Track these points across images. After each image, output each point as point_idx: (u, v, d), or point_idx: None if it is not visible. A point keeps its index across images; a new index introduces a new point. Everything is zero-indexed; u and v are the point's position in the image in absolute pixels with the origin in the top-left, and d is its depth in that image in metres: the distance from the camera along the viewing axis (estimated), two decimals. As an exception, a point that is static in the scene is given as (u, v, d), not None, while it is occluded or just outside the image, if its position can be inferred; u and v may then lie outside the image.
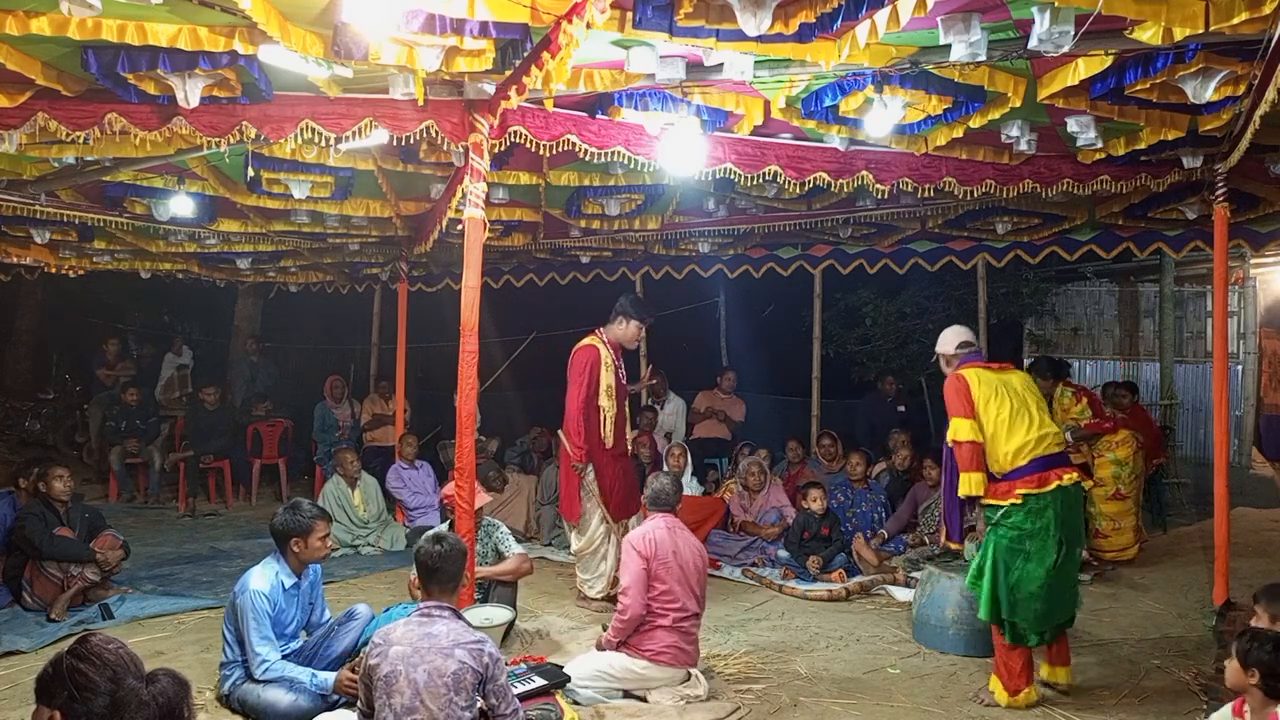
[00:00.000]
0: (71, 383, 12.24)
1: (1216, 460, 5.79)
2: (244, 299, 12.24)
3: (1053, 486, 4.26)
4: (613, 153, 5.03)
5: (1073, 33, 3.45)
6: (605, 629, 4.70)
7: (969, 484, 4.31)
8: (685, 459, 8.27)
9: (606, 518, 6.04)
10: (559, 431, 6.09)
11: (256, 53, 3.76)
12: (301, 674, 4.15)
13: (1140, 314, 11.89)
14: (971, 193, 5.77)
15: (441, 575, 3.41)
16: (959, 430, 4.34)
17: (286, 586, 4.34)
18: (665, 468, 7.98)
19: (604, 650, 4.55)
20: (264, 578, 4.27)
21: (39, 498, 5.91)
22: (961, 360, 4.55)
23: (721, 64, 4.11)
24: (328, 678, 4.15)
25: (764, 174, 5.39)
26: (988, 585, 4.32)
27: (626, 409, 6.28)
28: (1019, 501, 4.26)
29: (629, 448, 6.35)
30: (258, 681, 4.18)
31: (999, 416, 4.30)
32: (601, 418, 5.90)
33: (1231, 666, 3.13)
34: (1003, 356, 11.47)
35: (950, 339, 4.67)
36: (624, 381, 6.12)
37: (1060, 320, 11.97)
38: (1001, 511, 4.31)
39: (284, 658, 4.26)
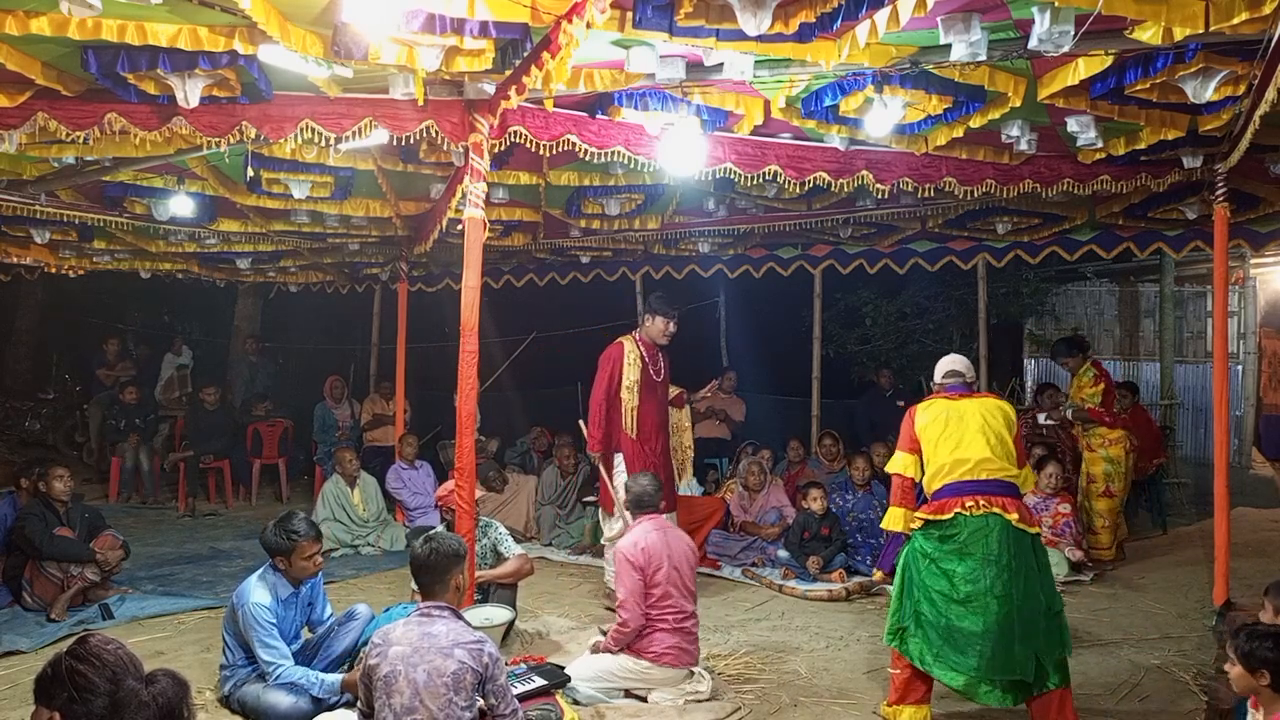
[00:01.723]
0: (71, 383, 12.24)
1: (1216, 460, 5.78)
2: (244, 299, 12.24)
3: (951, 514, 3.93)
4: (613, 153, 5.03)
5: (1073, 33, 3.45)
6: (603, 634, 4.69)
7: (890, 518, 4.24)
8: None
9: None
10: (579, 422, 6.28)
11: (256, 53, 3.76)
12: (312, 679, 4.14)
13: (1140, 314, 11.89)
14: (971, 193, 5.77)
15: (427, 576, 3.40)
16: (892, 463, 4.28)
17: (283, 597, 4.33)
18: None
19: (601, 654, 4.56)
20: (263, 589, 4.25)
21: (39, 498, 5.91)
22: (941, 390, 4.35)
23: (721, 64, 4.10)
24: (335, 680, 4.15)
25: (764, 174, 5.39)
26: (894, 595, 4.18)
27: (670, 411, 6.43)
28: (919, 526, 4.07)
29: (670, 449, 6.45)
30: (260, 683, 4.18)
31: (930, 440, 4.12)
32: (624, 410, 6.07)
33: (1235, 672, 2.97)
34: (1002, 357, 11.58)
35: (941, 367, 4.45)
36: (656, 378, 6.20)
37: (1060, 320, 11.98)
38: (917, 529, 4.13)
39: (285, 658, 4.25)
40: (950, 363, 4.44)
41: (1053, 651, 3.88)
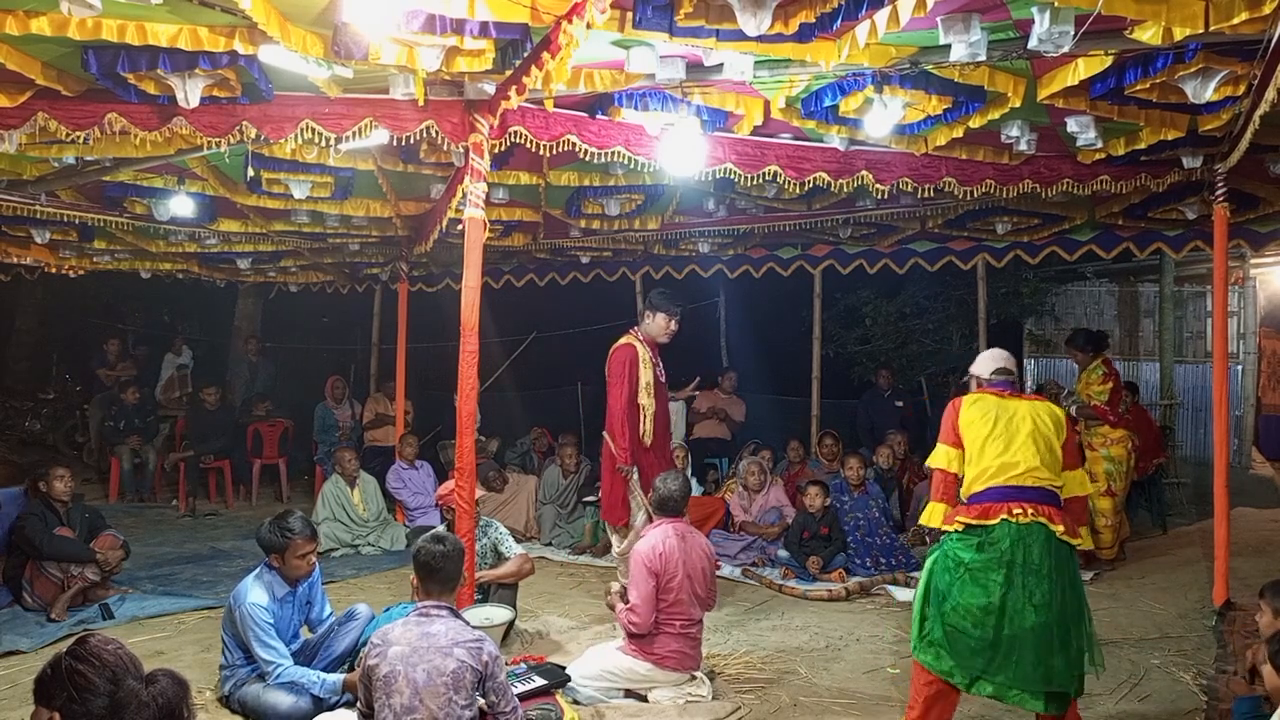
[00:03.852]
0: (71, 383, 12.24)
1: (1216, 460, 5.79)
2: (244, 299, 12.24)
3: (997, 520, 3.73)
4: (613, 153, 5.03)
5: (1073, 33, 3.45)
6: (623, 591, 4.64)
7: (930, 514, 4.02)
8: (686, 459, 8.28)
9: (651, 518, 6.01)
10: (604, 434, 5.94)
11: (256, 53, 3.77)
12: (312, 678, 4.15)
13: (1140, 314, 11.87)
14: (971, 193, 5.77)
15: (442, 575, 3.41)
16: (935, 457, 4.04)
17: (279, 596, 4.32)
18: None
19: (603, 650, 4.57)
20: (260, 589, 4.25)
21: (39, 498, 5.92)
22: (989, 386, 4.08)
23: (721, 64, 4.11)
24: (336, 680, 4.15)
25: (764, 174, 5.39)
26: (918, 604, 3.92)
27: (670, 411, 6.23)
28: (959, 529, 3.82)
29: (672, 455, 6.26)
30: (260, 683, 4.18)
31: (975, 437, 3.90)
32: (641, 415, 5.80)
33: (1267, 672, 3.03)
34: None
35: (987, 363, 4.15)
36: (663, 379, 6.02)
37: (1060, 320, 11.96)
38: (946, 536, 3.89)
39: (284, 658, 4.25)
40: (998, 358, 4.17)
41: (1084, 666, 3.77)
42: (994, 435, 3.87)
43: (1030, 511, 3.74)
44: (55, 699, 2.16)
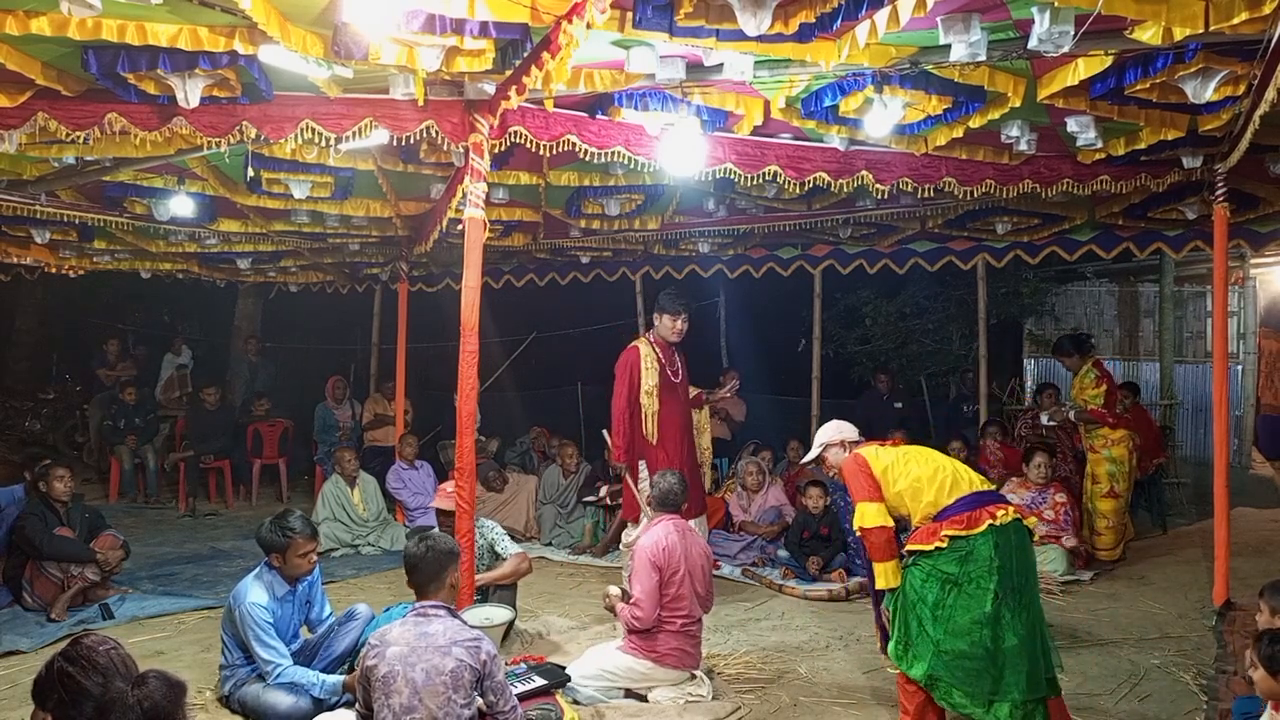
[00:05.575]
0: (71, 383, 12.25)
1: (1216, 460, 5.79)
2: (244, 299, 12.24)
3: (983, 527, 3.72)
4: (613, 153, 5.03)
5: (1073, 33, 3.45)
6: (624, 594, 4.64)
7: (884, 575, 3.89)
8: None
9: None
10: (603, 432, 6.07)
11: (256, 53, 3.76)
12: (312, 679, 4.15)
13: (1140, 314, 11.88)
14: (971, 193, 5.77)
15: (419, 574, 3.40)
16: (865, 516, 3.92)
17: (279, 595, 4.33)
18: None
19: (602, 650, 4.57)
20: (259, 588, 4.25)
21: (39, 498, 5.92)
22: (862, 443, 4.27)
23: (721, 64, 4.11)
24: (336, 680, 4.15)
25: (764, 174, 5.39)
26: (898, 628, 3.84)
27: (693, 413, 6.28)
28: (943, 545, 3.74)
29: (699, 454, 6.30)
30: (260, 682, 4.18)
31: (907, 472, 3.91)
32: (643, 415, 5.92)
33: (1259, 675, 3.02)
34: (1003, 356, 11.56)
35: (846, 430, 4.36)
36: (674, 379, 6.06)
37: (1060, 320, 11.97)
38: (924, 554, 3.81)
39: (284, 658, 4.25)
40: (849, 425, 4.45)
41: (1047, 662, 3.76)
42: (925, 460, 3.98)
43: (1009, 511, 3.83)
44: (48, 700, 2.15)
